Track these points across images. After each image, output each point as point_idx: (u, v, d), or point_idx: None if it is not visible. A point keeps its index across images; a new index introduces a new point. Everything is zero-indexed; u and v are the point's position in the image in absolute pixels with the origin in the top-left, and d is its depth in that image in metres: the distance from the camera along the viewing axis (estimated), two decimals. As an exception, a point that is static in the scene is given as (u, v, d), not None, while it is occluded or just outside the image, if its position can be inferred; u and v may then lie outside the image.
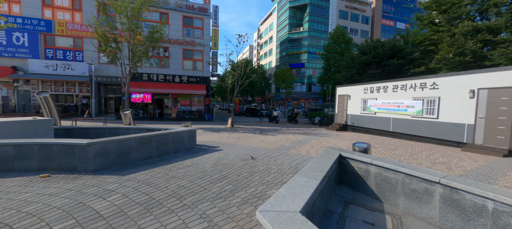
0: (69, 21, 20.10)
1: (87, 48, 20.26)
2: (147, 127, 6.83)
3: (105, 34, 13.18)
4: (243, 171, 4.50)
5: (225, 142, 8.25)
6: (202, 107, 23.73)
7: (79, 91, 20.94)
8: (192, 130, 6.51)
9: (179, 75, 22.48)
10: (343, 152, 3.69)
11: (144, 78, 21.43)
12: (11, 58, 18.84)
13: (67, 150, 4.21)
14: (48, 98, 6.28)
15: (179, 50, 22.66)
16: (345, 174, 3.62)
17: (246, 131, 12.63)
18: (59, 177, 3.93)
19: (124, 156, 4.76)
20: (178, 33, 22.53)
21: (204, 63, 23.34)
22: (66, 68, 20.08)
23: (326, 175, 2.57)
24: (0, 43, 18.53)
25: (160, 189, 3.50)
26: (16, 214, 2.66)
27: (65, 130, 6.51)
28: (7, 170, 4.15)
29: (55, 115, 6.58)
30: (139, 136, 5.02)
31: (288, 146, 7.83)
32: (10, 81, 18.98)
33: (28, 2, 19.05)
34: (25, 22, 18.93)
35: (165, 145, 5.69)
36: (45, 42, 19.73)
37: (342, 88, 15.19)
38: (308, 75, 49.21)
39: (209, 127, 14.87)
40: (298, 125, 19.56)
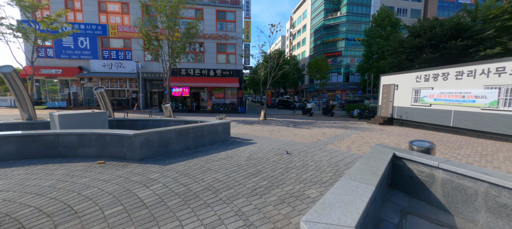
0: (120, 24, 22.50)
1: (134, 47, 22.48)
2: (185, 119, 7.17)
3: (148, 33, 14.29)
4: (278, 167, 4.29)
5: (258, 135, 8.15)
6: (235, 100, 24.22)
7: (129, 86, 23.53)
8: (226, 122, 6.56)
9: (213, 69, 23.26)
10: (397, 151, 3.14)
11: (182, 73, 22.82)
12: (77, 60, 22.16)
13: (117, 139, 4.63)
14: (103, 93, 7.11)
15: (213, 45, 23.34)
16: (400, 178, 3.08)
17: (279, 124, 12.35)
18: (112, 164, 4.35)
19: (165, 147, 5.03)
20: (212, 28, 23.15)
21: (236, 56, 23.60)
22: (118, 66, 22.71)
23: (380, 180, 2.16)
24: (69, 47, 21.92)
25: (196, 181, 3.55)
26: (76, 197, 2.98)
27: (117, 121, 7.31)
28: (73, 156, 4.80)
29: (109, 107, 7.43)
30: (178, 128, 5.24)
31: (325, 141, 7.30)
32: (78, 79, 22.41)
33: (88, 10, 21.92)
34: (86, 27, 21.90)
35: (201, 137, 5.85)
36: (102, 44, 22.57)
37: (387, 77, 13.50)
38: (345, 64, 45.64)
39: (242, 119, 15.05)
40: (334, 118, 18.34)
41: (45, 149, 4.70)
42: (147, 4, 16.42)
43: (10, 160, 4.55)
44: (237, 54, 23.57)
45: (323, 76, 27.20)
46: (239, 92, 24.27)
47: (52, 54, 21.89)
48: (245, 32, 24.56)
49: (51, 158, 4.74)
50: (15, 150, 4.56)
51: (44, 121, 6.77)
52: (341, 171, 4.09)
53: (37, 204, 2.82)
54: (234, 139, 6.97)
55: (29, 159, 4.64)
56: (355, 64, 44.53)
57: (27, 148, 4.62)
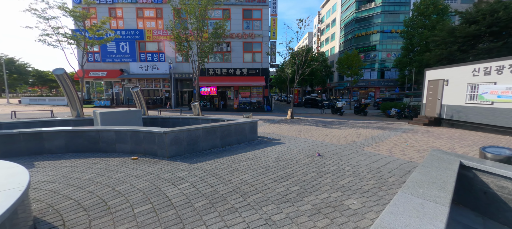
0: (154, 28, 24.11)
1: (167, 50, 23.88)
2: (212, 118, 7.20)
3: (179, 35, 14.95)
4: (310, 170, 3.92)
5: (286, 134, 7.81)
6: (261, 99, 24.08)
7: (163, 86, 25.12)
8: (253, 121, 6.37)
9: (239, 68, 23.45)
10: (464, 159, 2.54)
11: (210, 73, 23.51)
12: (119, 63, 24.42)
13: (149, 137, 4.77)
14: (138, 92, 7.56)
15: (240, 44, 23.50)
16: (470, 193, 2.47)
17: (307, 123, 11.77)
18: (144, 160, 4.49)
19: (193, 145, 5.05)
20: (239, 27, 23.32)
21: (263, 55, 23.41)
22: (153, 68, 24.40)
23: (451, 197, 1.69)
24: (112, 52, 24.28)
25: (224, 182, 3.41)
26: (111, 192, 3.07)
27: (151, 119, 7.71)
28: (111, 151, 5.11)
29: (144, 106, 7.88)
30: (205, 126, 5.22)
31: (361, 143, 6.61)
32: (119, 80, 24.71)
33: (128, 17, 23.96)
34: (126, 33, 23.97)
35: (228, 136, 5.76)
36: (139, 48, 24.50)
37: (434, 71, 11.85)
38: (380, 59, 42.04)
39: (269, 118, 14.79)
40: (368, 118, 16.89)
41: (88, 143, 5.09)
42: (178, 8, 17.20)
43: (60, 152, 5.03)
44: (263, 52, 23.37)
45: (355, 73, 25.32)
46: (265, 90, 24.07)
47: (99, 58, 24.50)
48: (272, 29, 24.20)
49: (93, 152, 5.12)
50: (64, 144, 5.03)
51: (90, 118, 7.47)
52: (385, 179, 3.55)
53: (76, 197, 2.96)
54: (261, 138, 6.75)
55: (75, 152, 5.07)
56: (392, 58, 40.69)
57: (74, 142, 5.06)
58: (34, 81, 54.49)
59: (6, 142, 4.68)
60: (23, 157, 4.78)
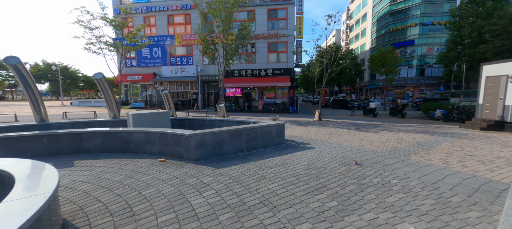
0: (183, 33, 25.27)
1: (195, 53, 24.80)
2: (238, 120, 7.03)
3: (206, 38, 15.29)
4: (347, 182, 3.42)
5: (315, 138, 7.26)
6: (286, 100, 23.49)
7: (191, 88, 26.16)
8: (280, 124, 6.00)
9: (264, 69, 23.22)
10: None
11: (235, 74, 23.72)
12: (152, 67, 26.14)
13: (176, 139, 4.74)
14: (167, 94, 7.79)
15: (264, 44, 23.28)
16: None
17: (337, 126, 10.95)
18: (171, 163, 4.46)
19: (218, 148, 4.89)
20: (263, 27, 23.13)
21: (288, 55, 22.83)
22: (182, 71, 25.58)
23: None
24: (146, 57, 26.11)
25: (250, 191, 3.12)
26: (137, 197, 3.01)
27: (178, 120, 7.88)
28: (141, 152, 5.23)
29: (172, 107, 8.09)
30: (231, 129, 5.03)
31: (405, 150, 5.77)
32: (152, 83, 26.44)
33: (160, 24, 25.52)
34: (159, 39, 25.56)
35: (254, 139, 5.49)
36: (170, 52, 25.90)
37: (494, 66, 10.05)
38: (419, 55, 37.95)
39: (295, 119, 14.22)
40: (408, 120, 15.18)
41: (121, 144, 5.29)
42: (205, 12, 17.66)
43: (97, 152, 5.31)
44: (289, 52, 22.78)
45: (390, 71, 23.08)
46: (290, 91, 23.43)
47: (135, 63, 26.56)
48: (297, 28, 23.48)
49: (125, 152, 5.31)
50: (101, 144, 5.30)
51: (125, 119, 7.93)
52: (446, 198, 2.89)
53: (105, 199, 2.96)
54: (288, 142, 6.35)
55: (110, 152, 5.32)
56: (434, 53, 36.43)
57: (108, 142, 5.30)
58: (83, 86, 61.92)
59: (52, 141, 5.09)
60: (66, 155, 5.16)
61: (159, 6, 25.02)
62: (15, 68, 5.88)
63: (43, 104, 7.09)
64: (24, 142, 4.92)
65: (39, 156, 5.02)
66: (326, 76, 13.29)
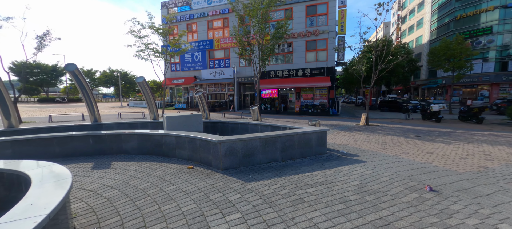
0: (221, 37, 26.05)
1: (232, 55, 25.26)
2: (272, 124, 6.41)
3: (242, 39, 15.18)
4: (424, 220, 2.41)
5: (364, 148, 6.07)
6: (326, 101, 21.73)
7: (227, 90, 26.75)
8: (321, 130, 5.12)
9: (302, 68, 22.00)
10: None
11: (271, 75, 23.16)
12: (193, 71, 27.75)
13: (205, 145, 4.40)
14: (201, 97, 7.73)
15: (302, 43, 22.08)
16: None
17: (390, 132, 9.23)
18: (198, 171, 4.12)
19: (249, 157, 4.36)
20: (301, 25, 21.95)
21: (328, 52, 21.09)
22: (220, 74, 26.38)
23: None
24: (188, 61, 27.88)
25: (284, 220, 2.45)
26: (155, 213, 2.68)
27: (211, 123, 7.73)
28: (172, 156, 5.10)
29: (206, 109, 8.01)
30: (263, 136, 4.44)
31: (502, 171, 4.18)
32: (193, 86, 28.07)
33: (201, 29, 26.90)
34: (199, 44, 26.97)
35: (290, 148, 4.77)
36: (209, 56, 27.05)
37: None
38: (499, 46, 30.52)
39: (336, 123, 12.77)
40: (488, 127, 11.99)
41: (154, 147, 5.28)
42: (242, 15, 17.64)
43: (133, 153, 5.42)
44: (329, 49, 21.02)
45: (459, 66, 18.86)
46: (330, 92, 21.59)
47: (179, 68, 28.67)
48: (339, 23, 21.49)
49: (157, 155, 5.27)
50: (137, 145, 5.39)
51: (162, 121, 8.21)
52: None
53: (124, 213, 2.72)
54: (331, 152, 5.39)
55: (144, 154, 5.36)
56: (523, 43, 28.71)
57: (143, 145, 5.35)
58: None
59: (97, 142, 5.40)
60: (108, 155, 5.40)
61: (200, 13, 26.42)
62: (72, 74, 6.55)
63: (97, 107, 7.82)
64: (74, 142, 5.32)
65: (86, 155, 5.38)
66: (375, 74, 11.51)
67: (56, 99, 39.74)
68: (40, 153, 5.16)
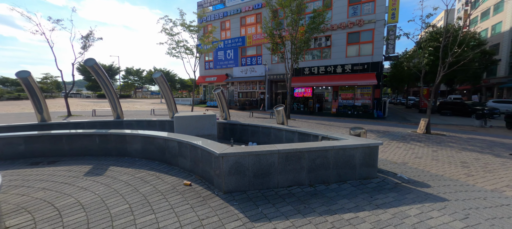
0: (254, 33, 25.20)
1: (264, 52, 24.19)
2: (301, 130, 5.05)
3: (272, 32, 13.93)
4: None
5: (435, 171, 4.22)
6: (369, 101, 18.79)
7: (259, 88, 25.83)
8: (371, 144, 3.56)
9: (341, 64, 19.48)
10: None
11: (306, 72, 21.23)
12: (225, 69, 27.69)
13: (206, 156, 3.40)
14: (220, 94, 6.83)
15: (343, 36, 19.53)
16: None
17: (467, 146, 6.77)
18: (194, 192, 3.13)
19: (263, 177, 3.17)
20: (342, 15, 19.40)
21: (374, 45, 18.11)
22: (251, 71, 25.62)
23: None
24: (221, 59, 27.93)
25: None
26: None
27: (230, 125, 6.77)
28: (174, 164, 4.27)
29: (225, 109, 7.09)
30: (284, 150, 3.18)
31: None
32: (225, 84, 28.03)
33: (234, 27, 26.57)
34: (232, 41, 26.70)
35: (322, 167, 3.39)
36: (241, 53, 26.56)
37: None
38: None
39: (384, 129, 10.45)
40: None
41: (157, 151, 4.54)
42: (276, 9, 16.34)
43: (137, 157, 4.81)
44: (375, 41, 18.03)
45: None
46: (375, 91, 18.58)
47: (212, 66, 29.04)
48: (390, 10, 18.20)
49: (160, 162, 4.51)
50: (141, 149, 4.76)
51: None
52: None
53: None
54: (384, 176, 3.77)
55: (147, 159, 4.69)
56: None
57: (147, 148, 4.68)
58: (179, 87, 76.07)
59: (103, 141, 4.96)
60: (112, 157, 4.92)
61: (233, 10, 26.08)
62: (92, 68, 6.38)
63: (119, 103, 7.68)
64: (81, 140, 4.98)
65: (92, 155, 5.00)
66: (442, 68, 8.84)
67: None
68: (49, 150, 4.96)
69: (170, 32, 14.81)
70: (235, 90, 27.56)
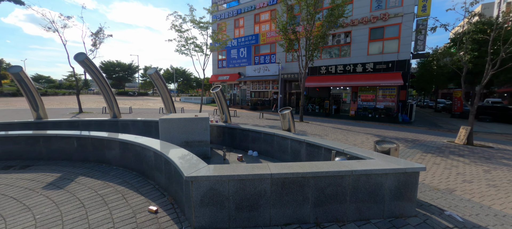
0: (268, 30, 24.21)
1: (278, 50, 23.12)
2: (310, 141, 4.05)
3: (285, 27, 12.89)
4: None
5: (499, 208, 3.01)
6: (393, 104, 16.93)
7: (272, 88, 24.82)
8: (406, 170, 2.49)
9: (361, 63, 17.81)
10: None
11: (322, 72, 19.81)
12: (238, 67, 27.03)
13: (178, 175, 2.57)
14: (219, 93, 6.02)
15: (364, 31, 17.83)
16: None
17: (530, 166, 5.25)
18: (157, 224, 2.32)
19: (249, 210, 2.27)
20: (364, 9, 17.70)
21: (400, 42, 16.24)
22: (264, 70, 24.66)
23: None
24: (234, 58, 27.31)
25: None
26: None
27: (229, 129, 5.91)
28: (150, 177, 3.53)
29: (226, 111, 6.26)
30: (279, 174, 2.25)
31: None
32: (237, 83, 27.40)
33: (247, 24, 25.79)
34: (245, 39, 25.94)
35: (335, 199, 2.40)
36: (254, 51, 25.71)
37: None
38: None
39: (412, 137, 8.96)
40: None
41: (135, 160, 3.84)
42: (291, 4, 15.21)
43: (114, 164, 4.16)
44: (402, 37, 16.15)
45: None
46: (400, 92, 16.68)
47: (225, 64, 28.54)
48: (421, 1, 16.19)
49: (138, 172, 3.80)
50: (119, 155, 4.10)
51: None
52: None
53: None
54: (426, 213, 2.66)
55: (124, 168, 4.01)
56: None
57: (124, 155, 4.00)
58: (196, 85, 77.24)
59: (81, 145, 4.38)
60: (88, 163, 4.31)
61: (247, 7, 25.30)
62: (83, 63, 5.91)
63: (115, 101, 7.20)
64: (59, 143, 4.45)
65: (69, 159, 4.44)
66: (490, 65, 7.20)
67: (129, 93, 46.90)
68: (27, 153, 4.49)
69: (179, 28, 14.37)
70: (247, 90, 26.79)
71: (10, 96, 26.99)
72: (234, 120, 13.09)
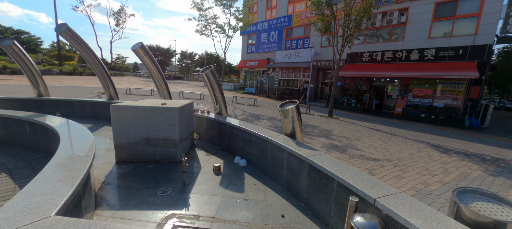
0: (303, 11, 21.48)
1: (312, 34, 20.40)
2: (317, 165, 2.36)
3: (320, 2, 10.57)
4: None
5: None
6: (459, 103, 13.08)
7: (302, 76, 22.42)
8: None
9: (419, 49, 14.07)
10: None
11: (365, 59, 16.57)
12: (267, 53, 25.17)
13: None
14: (209, 75, 4.57)
15: (428, 7, 13.90)
16: None
17: None
18: None
19: None
20: (430, -23, 13.68)
21: (481, 20, 12.06)
22: (296, 56, 22.29)
23: None
24: (264, 42, 25.47)
25: None
26: None
27: (218, 124, 4.51)
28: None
29: (219, 99, 4.87)
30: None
31: None
32: (266, 69, 25.69)
33: (280, 4, 23.37)
34: (277, 21, 23.72)
35: None
36: (286, 35, 23.38)
37: None
38: None
39: (492, 152, 6.17)
40: None
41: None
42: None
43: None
44: (484, 14, 11.94)
45: None
46: (472, 89, 12.68)
47: (254, 50, 26.99)
48: (522, -39, 11.50)
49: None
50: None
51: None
52: None
53: None
54: None
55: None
56: None
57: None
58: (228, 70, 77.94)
59: (33, 131, 3.61)
60: (39, 154, 3.52)
61: (281, -16, 22.84)
62: (66, 34, 5.20)
63: (111, 82, 6.53)
64: (12, 127, 3.78)
65: (23, 146, 3.76)
66: None
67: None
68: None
69: (200, 6, 13.33)
70: (275, 77, 24.89)
71: (67, 75, 30.88)
72: (253, 110, 11.73)
